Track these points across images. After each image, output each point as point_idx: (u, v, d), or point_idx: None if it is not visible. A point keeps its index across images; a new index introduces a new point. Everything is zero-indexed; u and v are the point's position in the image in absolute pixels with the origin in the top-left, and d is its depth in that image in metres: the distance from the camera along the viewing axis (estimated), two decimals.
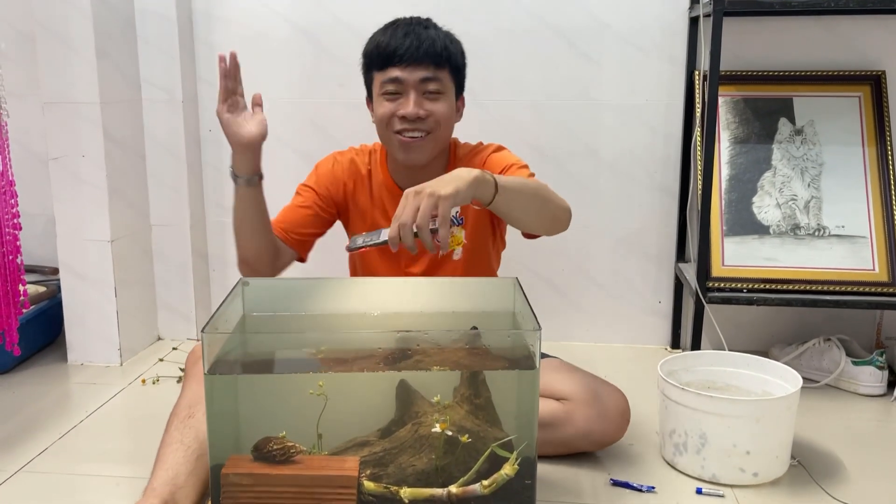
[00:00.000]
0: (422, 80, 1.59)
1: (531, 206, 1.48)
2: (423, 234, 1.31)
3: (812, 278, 2.02)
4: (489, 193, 1.38)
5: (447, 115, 1.63)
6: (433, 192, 1.31)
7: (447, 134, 1.67)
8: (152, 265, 2.39)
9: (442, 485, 1.26)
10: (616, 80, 2.26)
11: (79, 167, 2.14)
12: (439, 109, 1.61)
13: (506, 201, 1.41)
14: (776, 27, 2.19)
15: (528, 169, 1.66)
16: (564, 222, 1.56)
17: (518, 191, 1.44)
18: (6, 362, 2.14)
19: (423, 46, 1.58)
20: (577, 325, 2.40)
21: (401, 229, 1.31)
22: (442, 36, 1.63)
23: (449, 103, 1.63)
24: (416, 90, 1.60)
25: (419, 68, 1.59)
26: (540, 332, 1.25)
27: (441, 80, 1.61)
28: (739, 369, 1.73)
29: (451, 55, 1.63)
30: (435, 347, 1.29)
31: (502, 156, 1.70)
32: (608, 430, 1.61)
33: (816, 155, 2.13)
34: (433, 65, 1.60)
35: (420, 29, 1.61)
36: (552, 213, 1.52)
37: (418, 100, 1.60)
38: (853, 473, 1.63)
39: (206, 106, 2.38)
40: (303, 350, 1.31)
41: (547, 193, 1.51)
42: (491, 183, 1.38)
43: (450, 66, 1.63)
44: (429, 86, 1.60)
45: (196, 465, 1.37)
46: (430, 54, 1.59)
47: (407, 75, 1.59)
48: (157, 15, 2.24)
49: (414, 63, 1.58)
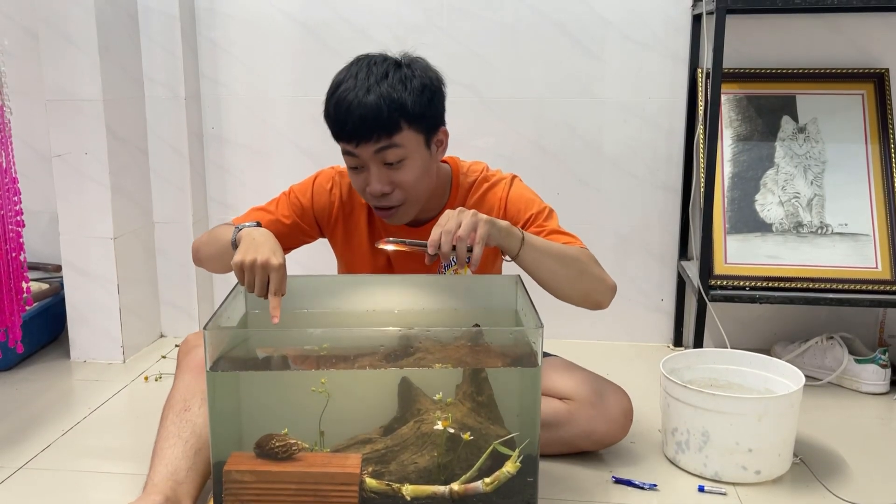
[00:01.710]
0: (377, 151, 1.45)
1: (560, 273, 1.46)
2: (460, 246, 1.34)
3: (815, 276, 2.02)
4: (515, 246, 1.42)
5: (415, 179, 1.49)
6: (475, 213, 1.37)
7: (426, 190, 1.54)
8: (155, 262, 2.40)
9: (444, 482, 1.26)
10: (619, 78, 2.25)
11: (82, 164, 2.14)
12: (404, 178, 1.48)
13: (531, 259, 1.44)
14: (779, 24, 2.18)
15: (553, 215, 1.60)
16: (602, 299, 1.51)
17: (547, 253, 1.45)
18: (9, 359, 2.14)
19: (369, 119, 1.42)
20: (580, 322, 2.39)
21: (443, 235, 1.34)
22: (388, 91, 1.43)
23: (416, 165, 1.48)
24: (375, 163, 1.46)
25: (370, 143, 1.44)
26: (542, 330, 1.25)
27: (400, 144, 1.45)
28: (742, 367, 1.73)
29: (404, 112, 1.44)
30: (437, 345, 1.29)
31: (522, 196, 1.61)
32: (611, 430, 1.61)
33: (819, 152, 2.13)
34: (385, 134, 1.43)
35: (362, 95, 1.42)
36: (585, 286, 1.49)
37: (380, 173, 1.47)
38: (856, 471, 1.62)
39: (208, 103, 2.38)
40: (305, 347, 1.31)
41: (584, 266, 1.48)
42: (518, 237, 1.42)
43: (408, 122, 1.45)
44: (387, 156, 1.45)
45: (195, 460, 1.37)
46: (377, 125, 1.42)
47: (360, 151, 1.45)
48: (160, 12, 2.24)
49: (364, 140, 1.43)
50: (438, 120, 1.53)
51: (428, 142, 1.51)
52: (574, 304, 1.52)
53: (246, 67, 2.35)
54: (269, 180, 2.40)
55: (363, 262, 1.67)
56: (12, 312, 1.78)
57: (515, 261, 1.45)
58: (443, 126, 1.55)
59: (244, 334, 1.41)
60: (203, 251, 1.61)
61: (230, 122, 2.39)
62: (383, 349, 1.30)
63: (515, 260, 1.44)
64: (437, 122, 1.53)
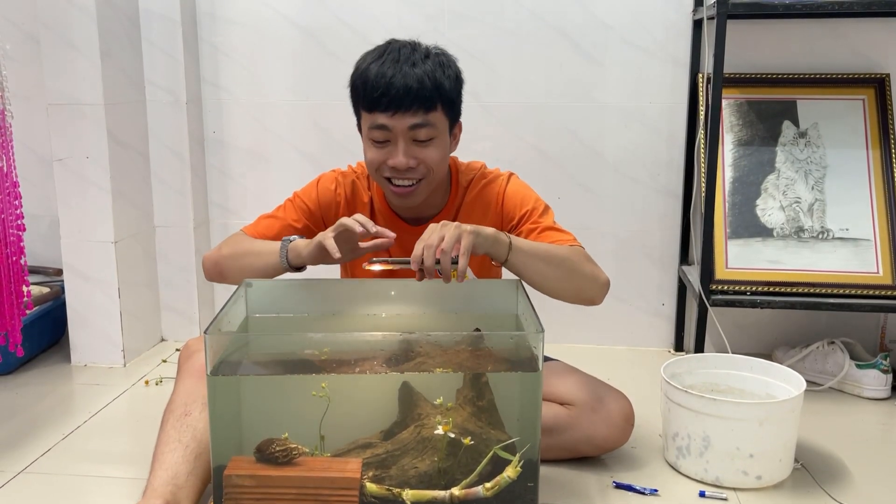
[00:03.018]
0: (411, 127, 1.46)
1: (550, 274, 1.46)
2: (444, 259, 1.34)
3: (816, 281, 2.01)
4: (503, 252, 1.42)
5: (440, 159, 1.52)
6: (458, 225, 1.36)
7: (441, 174, 1.57)
8: (156, 266, 2.40)
9: (444, 487, 1.26)
10: (619, 82, 2.26)
11: (83, 168, 2.15)
12: (431, 156, 1.50)
13: (520, 263, 1.44)
14: (780, 30, 2.19)
15: (549, 212, 1.61)
16: (594, 296, 1.51)
17: (535, 256, 1.45)
18: (10, 363, 2.14)
19: (413, 90, 1.44)
20: (580, 327, 2.39)
21: (425, 250, 1.34)
22: (432, 69, 1.47)
23: (442, 145, 1.51)
24: (405, 138, 1.47)
25: (407, 115, 1.45)
26: (543, 335, 1.25)
27: (433, 123, 1.48)
28: (743, 372, 1.73)
29: (442, 92, 1.47)
30: (438, 349, 1.29)
31: (518, 192, 1.62)
32: (612, 435, 1.60)
33: (820, 157, 2.13)
34: (423, 109, 1.46)
35: (407, 67, 1.45)
36: (576, 284, 1.49)
37: (408, 149, 1.48)
38: (857, 477, 1.62)
39: (209, 107, 2.38)
40: (306, 351, 1.31)
41: (573, 264, 1.48)
42: (505, 244, 1.41)
43: (442, 104, 1.48)
44: (419, 133, 1.47)
45: (195, 465, 1.37)
46: (419, 98, 1.44)
47: (395, 123, 1.46)
48: (162, 16, 2.24)
49: (402, 110, 1.45)
50: (459, 112, 1.58)
51: (451, 129, 1.55)
52: (567, 301, 1.53)
53: (247, 72, 2.35)
54: (269, 184, 2.40)
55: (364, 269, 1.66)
56: (13, 316, 1.78)
57: (505, 266, 1.45)
58: (460, 121, 1.59)
59: (245, 338, 1.41)
60: (229, 266, 1.58)
61: (231, 127, 2.39)
62: (384, 353, 1.30)
63: (505, 265, 1.45)
64: (459, 114, 1.58)
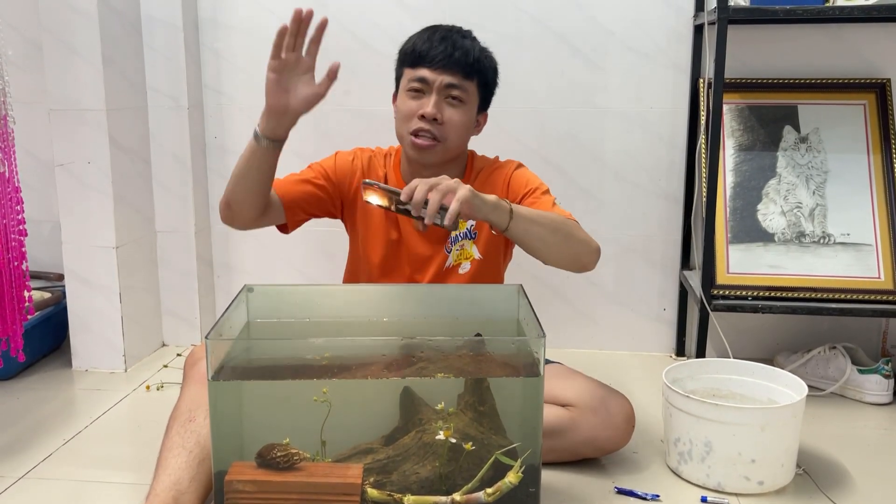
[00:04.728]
0: (447, 85, 1.62)
1: (549, 239, 1.48)
2: (433, 198, 1.32)
3: (817, 286, 2.01)
4: (504, 219, 1.42)
5: (463, 125, 1.65)
6: (458, 180, 1.39)
7: (460, 144, 1.69)
8: (157, 271, 2.40)
9: (446, 493, 1.25)
10: (621, 88, 2.26)
11: (85, 174, 2.15)
12: (456, 118, 1.63)
13: (522, 230, 1.45)
14: (781, 35, 2.19)
15: (551, 195, 1.67)
16: (588, 261, 1.54)
17: (535, 222, 1.46)
18: (11, 368, 2.14)
19: (456, 54, 1.62)
20: (582, 332, 2.39)
21: (419, 184, 1.35)
22: (477, 48, 1.66)
23: (468, 114, 1.66)
24: (440, 93, 1.62)
25: (447, 73, 1.61)
26: (544, 340, 1.25)
27: (466, 89, 1.64)
28: (744, 377, 1.73)
29: (482, 68, 1.66)
30: (439, 354, 1.29)
31: (524, 175, 1.71)
32: (613, 436, 1.61)
33: (821, 162, 2.13)
34: (461, 73, 1.62)
35: (457, 37, 1.64)
36: (573, 249, 1.51)
37: (439, 102, 1.62)
38: (859, 482, 1.62)
39: (211, 113, 2.38)
40: (307, 357, 1.31)
41: (570, 230, 1.51)
42: (506, 210, 1.42)
43: (478, 78, 1.66)
44: (452, 91, 1.62)
45: (198, 471, 1.37)
46: (460, 63, 1.62)
47: (434, 77, 1.61)
48: (164, 22, 2.25)
49: (443, 67, 1.61)
50: (488, 101, 1.73)
51: (478, 109, 1.70)
52: (562, 268, 1.55)
53: (248, 77, 2.36)
54: None
55: (376, 237, 1.72)
56: (14, 321, 1.78)
57: (506, 233, 1.45)
58: (487, 112, 1.74)
59: (246, 344, 1.41)
60: (229, 191, 1.59)
61: (232, 132, 2.39)
62: (385, 358, 1.30)
63: (505, 232, 1.44)
64: (487, 103, 1.73)
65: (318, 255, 1.77)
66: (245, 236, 2.37)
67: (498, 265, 1.78)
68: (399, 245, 1.72)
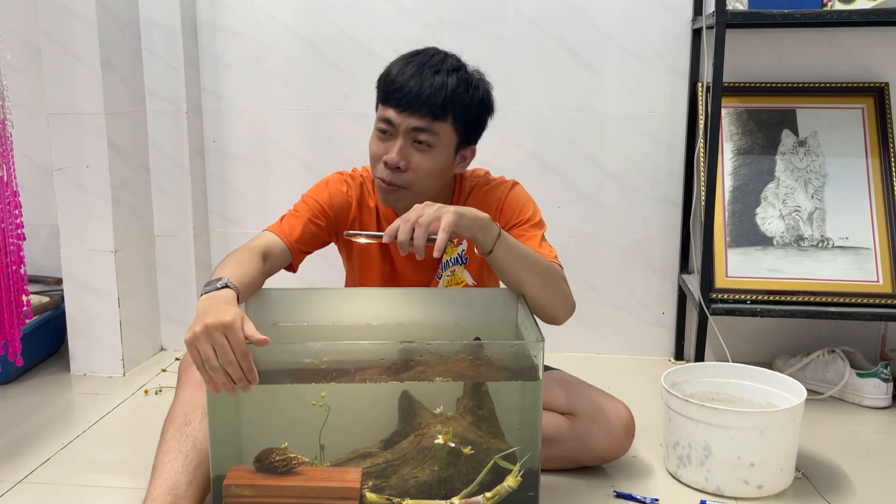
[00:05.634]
0: (413, 128, 1.48)
1: (528, 280, 1.44)
2: (418, 233, 1.31)
3: (816, 290, 2.01)
4: (489, 242, 1.39)
5: (431, 171, 1.52)
6: (441, 206, 1.35)
7: (432, 188, 1.55)
8: (155, 275, 2.40)
9: (445, 497, 1.25)
10: (619, 92, 2.26)
11: (83, 177, 2.15)
12: (423, 164, 1.50)
13: (502, 259, 1.41)
14: (779, 39, 2.19)
15: (542, 226, 1.61)
16: (560, 315, 1.49)
17: (520, 257, 1.43)
18: (9, 373, 2.14)
19: (425, 94, 1.47)
20: (581, 335, 2.39)
21: (401, 224, 1.33)
22: (454, 83, 1.49)
23: (439, 158, 1.52)
24: (406, 137, 1.50)
25: (413, 116, 1.48)
26: (543, 343, 1.25)
27: (436, 132, 1.49)
28: (743, 381, 1.72)
29: (457, 107, 1.50)
30: (438, 358, 1.29)
31: (518, 200, 1.63)
32: (612, 445, 1.60)
33: (820, 166, 2.13)
34: (430, 115, 1.48)
35: (429, 72, 1.49)
36: (550, 299, 1.47)
37: (404, 148, 1.50)
38: (858, 486, 1.62)
39: (209, 117, 2.38)
40: (305, 360, 1.31)
41: (553, 278, 1.47)
42: (494, 234, 1.39)
43: (453, 117, 1.50)
44: (419, 136, 1.49)
45: (195, 475, 1.36)
46: (428, 103, 1.47)
47: (400, 120, 1.49)
48: (162, 26, 2.25)
49: (410, 109, 1.48)
50: (474, 136, 1.59)
51: (457, 148, 1.56)
52: (534, 311, 1.47)
53: (247, 81, 2.36)
54: (269, 194, 2.40)
55: (370, 266, 1.68)
56: (12, 325, 1.78)
57: (488, 257, 1.42)
58: (474, 145, 1.60)
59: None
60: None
61: (231, 136, 2.40)
62: (384, 362, 1.30)
63: (488, 256, 1.41)
64: (473, 138, 1.59)
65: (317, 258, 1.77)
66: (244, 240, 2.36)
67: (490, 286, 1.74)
68: (393, 276, 1.69)
